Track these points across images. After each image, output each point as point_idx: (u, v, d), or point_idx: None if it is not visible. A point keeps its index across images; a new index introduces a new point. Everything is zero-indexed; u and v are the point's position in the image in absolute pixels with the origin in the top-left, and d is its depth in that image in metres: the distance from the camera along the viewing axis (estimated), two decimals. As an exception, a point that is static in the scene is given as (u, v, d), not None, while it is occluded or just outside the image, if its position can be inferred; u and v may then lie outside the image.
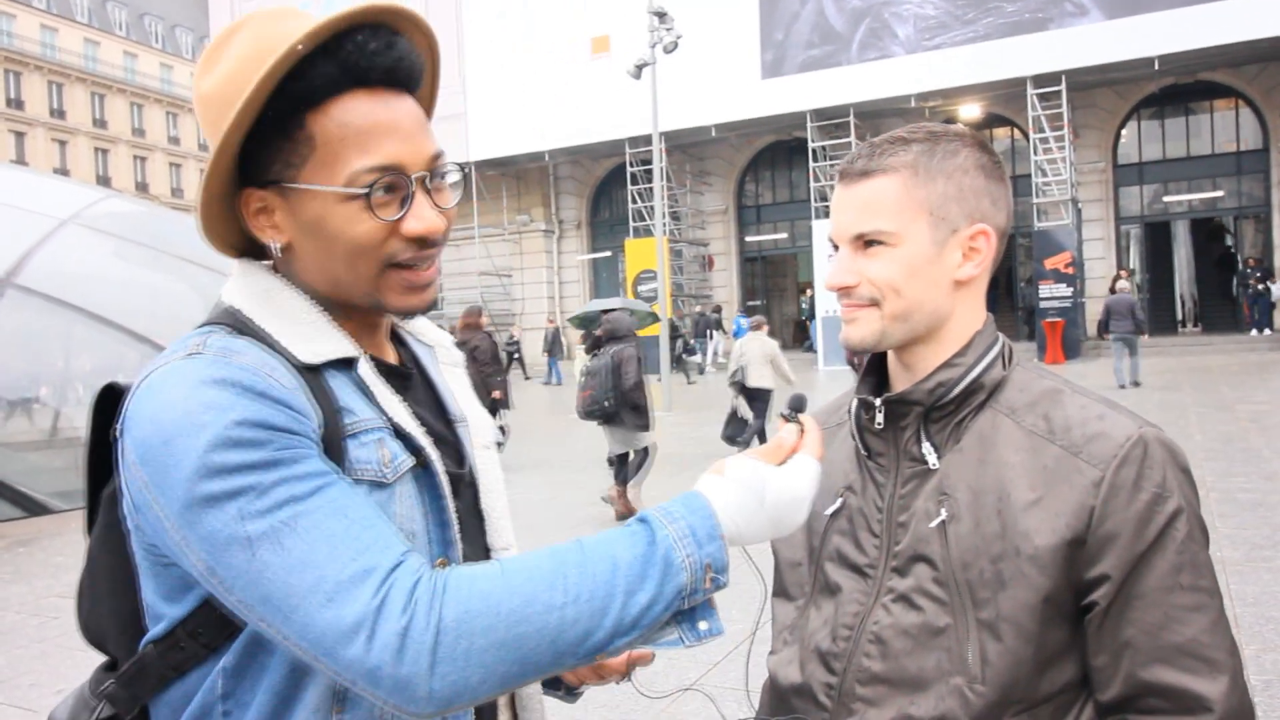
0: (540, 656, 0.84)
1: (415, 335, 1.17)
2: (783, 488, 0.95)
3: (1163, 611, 1.00)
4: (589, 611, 0.85)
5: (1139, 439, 1.03)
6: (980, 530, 1.05)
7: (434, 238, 0.99)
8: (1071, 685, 1.04)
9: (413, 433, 1.00)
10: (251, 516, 0.84)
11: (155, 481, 0.87)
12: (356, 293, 1.00)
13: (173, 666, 0.94)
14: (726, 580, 0.90)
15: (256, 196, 0.99)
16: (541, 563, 0.87)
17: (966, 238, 1.11)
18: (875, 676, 1.09)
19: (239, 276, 1.03)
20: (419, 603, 0.82)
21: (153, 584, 0.95)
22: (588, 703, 4.09)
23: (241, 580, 0.84)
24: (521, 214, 30.55)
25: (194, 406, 0.86)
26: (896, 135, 1.13)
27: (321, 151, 0.95)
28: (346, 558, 0.83)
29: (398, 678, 0.80)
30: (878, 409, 1.14)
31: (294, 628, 0.83)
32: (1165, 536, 1.00)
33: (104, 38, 50.44)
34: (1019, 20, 21.83)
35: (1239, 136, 24.04)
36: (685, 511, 0.91)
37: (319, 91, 0.94)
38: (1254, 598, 4.79)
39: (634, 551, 0.88)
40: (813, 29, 23.90)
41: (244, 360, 0.90)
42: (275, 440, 0.86)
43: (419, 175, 0.97)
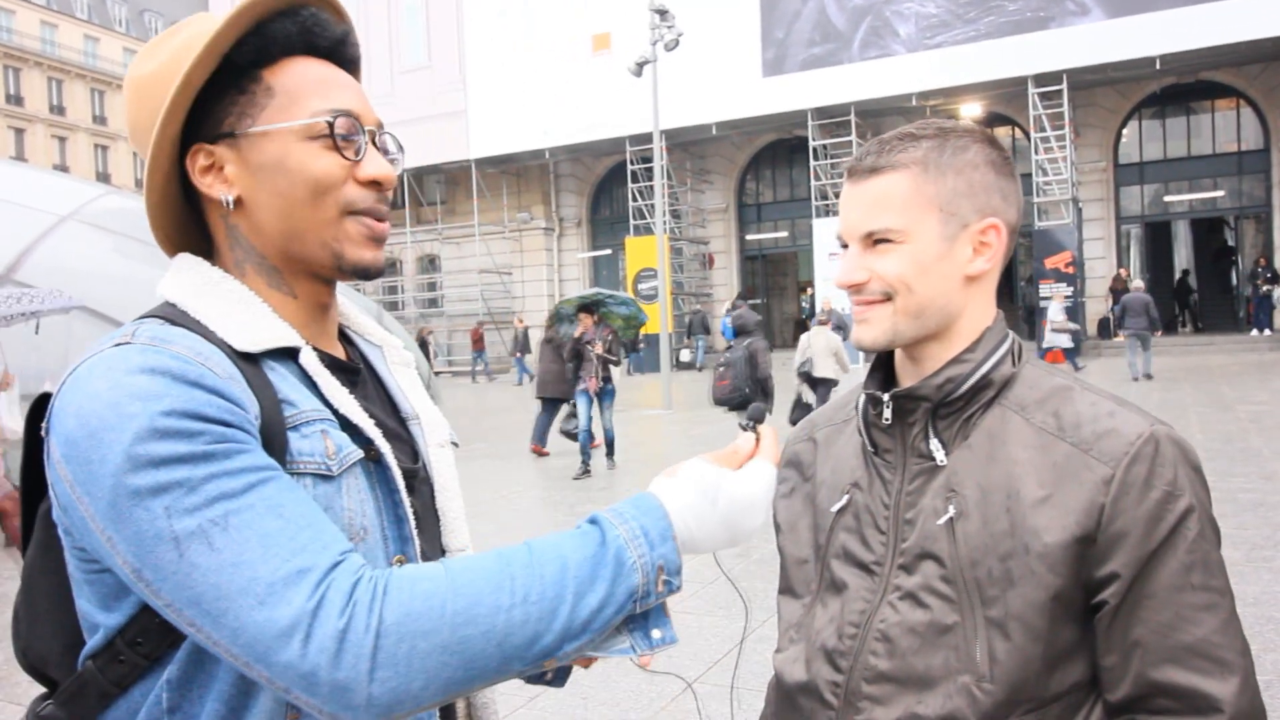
0: (486, 660, 0.81)
1: (363, 335, 1.14)
2: (736, 493, 0.93)
3: (1173, 611, 0.99)
4: (538, 613, 0.82)
5: (1150, 436, 1.02)
6: (989, 528, 1.04)
7: (387, 184, 1.00)
8: (1081, 685, 1.04)
9: (361, 424, 0.96)
10: (180, 514, 0.79)
11: (80, 478, 0.82)
12: (314, 241, 0.97)
13: (114, 682, 0.89)
14: (679, 584, 0.88)
15: (205, 152, 0.97)
16: (488, 563, 0.84)
17: (977, 232, 1.10)
18: (882, 675, 1.08)
19: (175, 271, 1.00)
20: (358, 604, 0.78)
21: (87, 592, 0.90)
22: (589, 700, 4.11)
23: (170, 582, 0.79)
24: (522, 212, 30.53)
25: (120, 396, 0.81)
26: (906, 132, 1.12)
27: (281, 98, 0.96)
28: (280, 558, 0.79)
29: (335, 682, 0.77)
30: (885, 405, 1.13)
31: (225, 632, 0.79)
32: (1176, 535, 0.99)
33: (103, 34, 50.40)
34: (1020, 19, 21.81)
35: (1240, 136, 24.02)
36: (637, 512, 0.89)
37: (276, 46, 0.97)
38: (1254, 598, 4.79)
39: (584, 552, 0.85)
40: (814, 27, 23.88)
41: (175, 348, 0.86)
42: (208, 432, 0.82)
43: (370, 129, 1.00)
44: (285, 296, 1.00)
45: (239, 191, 0.97)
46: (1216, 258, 26.41)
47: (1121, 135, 24.81)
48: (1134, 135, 24.97)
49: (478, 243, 29.50)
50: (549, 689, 3.65)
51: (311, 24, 0.99)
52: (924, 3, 22.76)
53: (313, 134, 0.95)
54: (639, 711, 3.83)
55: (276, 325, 0.96)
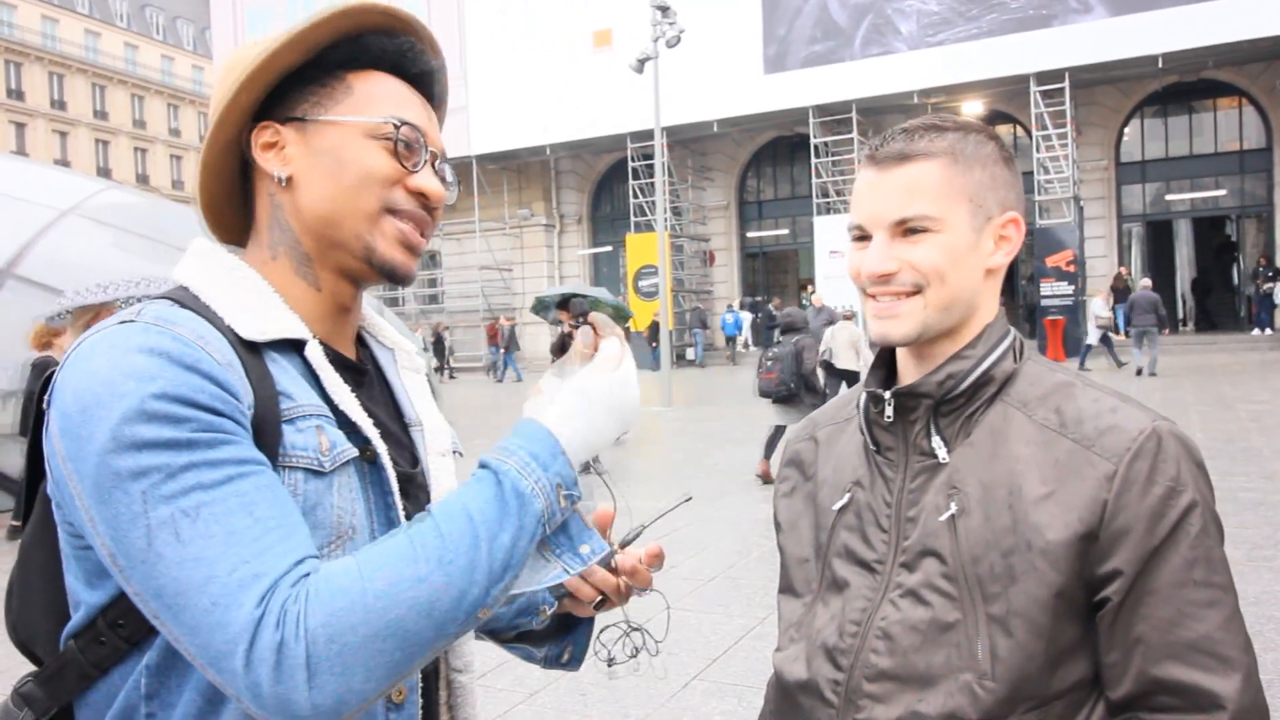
0: (421, 634, 0.81)
1: (377, 337, 1.15)
2: (605, 380, 0.96)
3: (1175, 607, 0.98)
4: (456, 570, 0.83)
5: (1153, 432, 1.01)
6: (991, 524, 1.04)
7: (435, 201, 1.02)
8: (1083, 683, 1.03)
9: (360, 422, 0.96)
10: (155, 501, 0.79)
11: (71, 453, 0.82)
12: (350, 230, 0.98)
13: (94, 664, 0.90)
14: (579, 493, 0.91)
15: (271, 129, 0.99)
16: (396, 542, 0.84)
17: (999, 225, 1.11)
18: (883, 673, 1.07)
19: (191, 255, 1.00)
20: (287, 615, 0.78)
21: (75, 568, 0.91)
22: (588, 696, 4.11)
23: (138, 570, 0.80)
24: (522, 208, 30.53)
25: (116, 374, 0.82)
26: (929, 122, 1.11)
27: (358, 97, 1.00)
28: (239, 559, 0.79)
29: (277, 695, 0.77)
30: (887, 402, 1.13)
31: (183, 629, 0.79)
32: (1179, 531, 0.99)
33: (105, 29, 50.37)
34: (1023, 17, 21.78)
35: (1242, 135, 24.00)
36: (522, 441, 0.91)
37: (368, 57, 1.01)
38: (1255, 597, 4.79)
39: (484, 496, 0.87)
40: (815, 24, 23.85)
41: (177, 330, 0.86)
42: (195, 419, 0.82)
43: (433, 151, 1.03)
44: (309, 287, 1.01)
45: (292, 171, 0.99)
46: (1218, 257, 26.39)
47: (1123, 134, 24.79)
48: (1136, 134, 24.95)
49: (478, 239, 29.50)
50: (546, 689, 3.66)
51: (406, 49, 1.04)
52: (925, 0, 22.73)
53: (377, 134, 0.98)
54: (640, 708, 3.83)
55: (285, 316, 0.97)
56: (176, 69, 53.78)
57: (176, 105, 53.26)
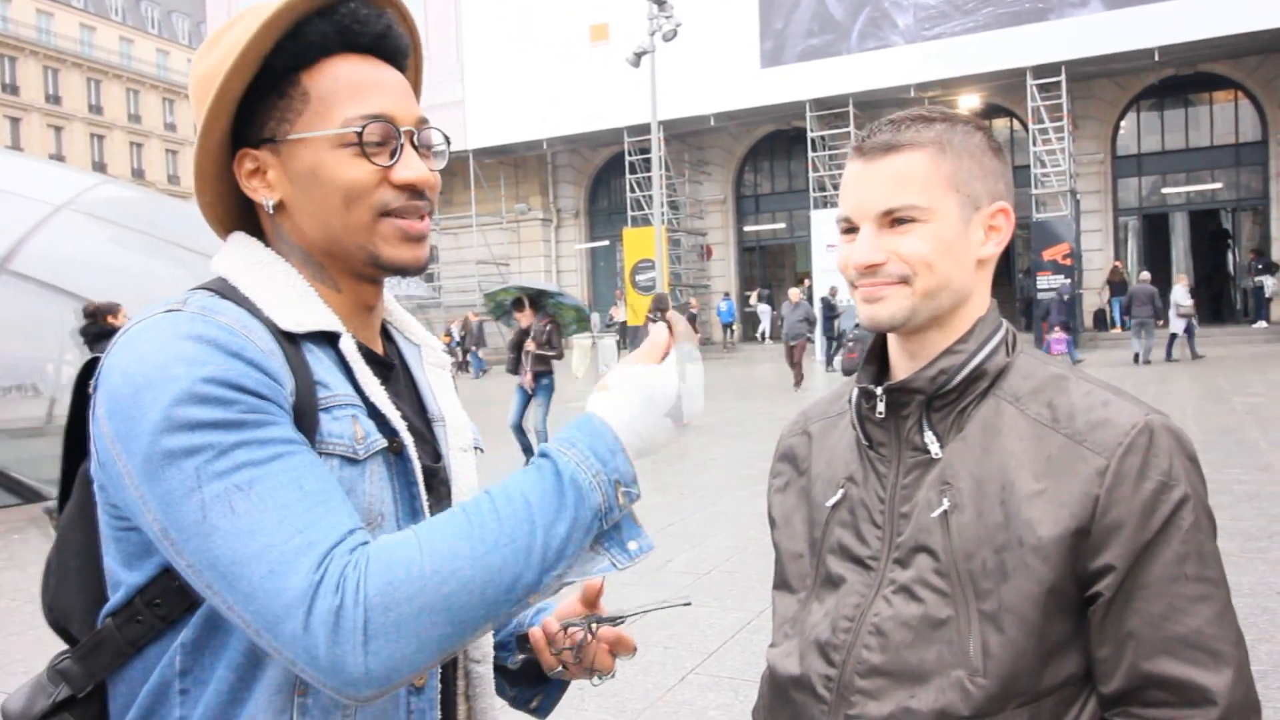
0: (472, 610, 0.83)
1: (404, 333, 1.17)
2: (670, 383, 0.96)
3: (1167, 602, 0.98)
4: (511, 554, 0.84)
5: (1145, 426, 1.01)
6: (983, 520, 1.04)
7: (424, 187, 1.01)
8: (1075, 678, 1.03)
9: (389, 414, 0.99)
10: (208, 477, 0.82)
11: (120, 434, 0.85)
12: (350, 244, 1.00)
13: (130, 641, 0.92)
14: (638, 492, 0.92)
15: (250, 157, 1.00)
16: (455, 519, 0.86)
17: (988, 215, 1.10)
18: (875, 669, 1.07)
19: (229, 248, 1.03)
20: (347, 580, 0.81)
21: (114, 549, 0.93)
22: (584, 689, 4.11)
23: (192, 543, 0.82)
24: (519, 203, 30.48)
25: (166, 359, 0.85)
26: (915, 114, 1.11)
27: (315, 104, 0.98)
28: (293, 529, 0.82)
29: (333, 658, 0.79)
30: (879, 398, 1.12)
31: (238, 596, 0.81)
32: (1170, 525, 0.99)
33: (100, 23, 50.19)
34: (1019, 10, 21.76)
35: (1238, 129, 24.01)
36: (583, 435, 0.92)
37: (314, 49, 0.98)
38: (1249, 588, 4.81)
39: (543, 486, 0.88)
40: (812, 18, 23.81)
41: (222, 319, 0.90)
42: (243, 401, 0.85)
43: (407, 130, 1.00)
44: (331, 290, 1.03)
45: (281, 196, 1.00)
46: (1213, 249, 26.40)
47: (1119, 127, 24.79)
48: (1132, 127, 24.95)
49: (475, 234, 29.45)
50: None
51: (349, 22, 0.99)
52: (923, -7, 22.70)
53: (344, 142, 0.97)
54: (636, 701, 3.84)
55: (320, 309, 0.99)
56: (172, 63, 53.57)
57: (172, 100, 53.09)
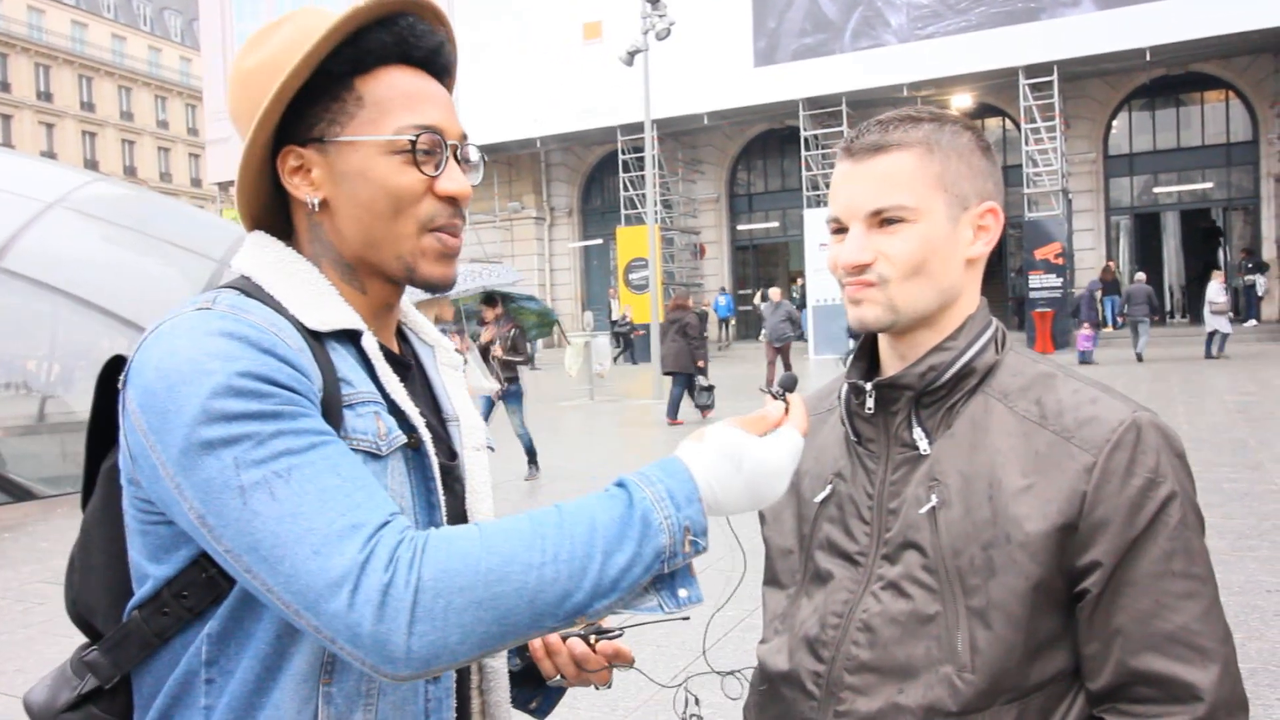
0: (519, 616, 0.84)
1: (418, 334, 1.18)
2: (762, 458, 0.94)
3: (1154, 599, 0.99)
4: (568, 571, 0.85)
5: (1132, 423, 1.02)
6: (971, 516, 1.04)
7: (463, 200, 1.03)
8: (1063, 674, 1.03)
9: (408, 412, 1.01)
10: (247, 465, 0.84)
11: (155, 427, 0.87)
12: (390, 253, 1.02)
13: (157, 633, 0.94)
14: (706, 544, 0.91)
15: (295, 154, 1.01)
16: (520, 524, 0.87)
17: (977, 215, 1.10)
18: (863, 665, 1.08)
19: (252, 247, 1.04)
20: (400, 560, 0.82)
21: (140, 542, 0.94)
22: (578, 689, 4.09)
23: (232, 529, 0.84)
24: (513, 201, 30.44)
25: (201, 355, 0.87)
26: (904, 114, 1.11)
27: (370, 109, 1.00)
28: (336, 512, 0.83)
29: (377, 634, 0.80)
30: (868, 394, 1.12)
31: (279, 578, 0.82)
32: (1158, 522, 0.99)
33: (92, 20, 49.96)
34: (1011, 9, 21.79)
35: (1229, 128, 24.10)
36: (663, 475, 0.91)
37: (372, 57, 1.00)
38: (1239, 586, 4.83)
39: (612, 513, 0.88)
40: (805, 16, 23.82)
41: (252, 318, 0.92)
42: (277, 395, 0.87)
43: (452, 144, 1.03)
44: (355, 292, 1.05)
45: (324, 195, 1.01)
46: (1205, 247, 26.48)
47: (1111, 127, 24.85)
48: (1124, 127, 25.02)
49: (468, 231, 29.12)
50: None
51: (408, 34, 1.02)
52: (916, -7, 22.72)
53: (396, 149, 0.99)
54: (629, 699, 3.84)
55: (343, 309, 1.01)
56: (164, 60, 53.40)
57: (164, 97, 52.92)
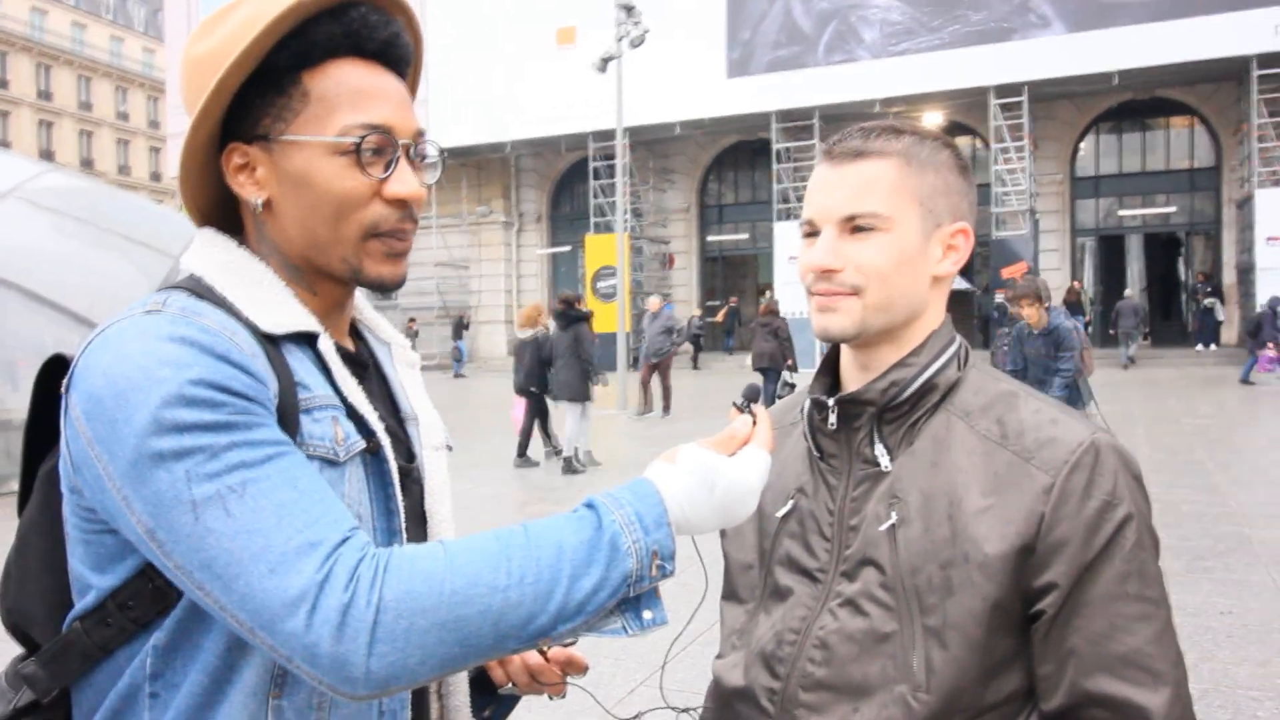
0: (482, 639, 0.82)
1: (373, 332, 1.16)
2: (734, 478, 0.94)
3: (1108, 620, 0.99)
4: (533, 594, 0.83)
5: (1091, 445, 1.02)
6: (930, 535, 1.04)
7: (414, 203, 1.01)
8: (1017, 694, 1.04)
9: (367, 415, 0.99)
10: (200, 479, 0.81)
11: (101, 436, 0.84)
12: (335, 255, 0.99)
13: (99, 645, 0.91)
14: (673, 569, 0.90)
15: (240, 151, 0.98)
16: (486, 545, 0.85)
17: (948, 234, 1.11)
18: (819, 683, 1.07)
19: (201, 245, 1.01)
20: (360, 580, 0.80)
21: (82, 551, 0.91)
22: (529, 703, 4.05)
23: (183, 545, 0.81)
24: (481, 205, 30.31)
25: (151, 362, 0.84)
26: (886, 125, 1.11)
27: (315, 106, 0.96)
28: (293, 529, 0.81)
29: (336, 655, 0.78)
30: (831, 409, 1.13)
31: (233, 597, 0.80)
32: (1113, 544, 1.00)
33: (52, 6, 49.10)
34: (984, 29, 22.15)
35: (1193, 154, 24.65)
36: (633, 498, 0.90)
37: (319, 49, 0.96)
38: (1194, 608, 4.90)
39: (580, 536, 0.87)
40: (780, 29, 24.02)
41: (205, 321, 0.89)
42: (231, 404, 0.85)
43: (404, 142, 0.99)
44: (306, 292, 1.02)
45: (268, 195, 0.98)
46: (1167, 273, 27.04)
47: (1078, 149, 25.31)
48: (1091, 149, 25.50)
49: (435, 235, 29.21)
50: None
51: (359, 25, 0.98)
52: (889, 9, 23.02)
53: (341, 150, 0.96)
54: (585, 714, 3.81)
55: (298, 311, 0.98)
56: (126, 50, 52.57)
57: (125, 88, 52.09)
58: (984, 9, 22.16)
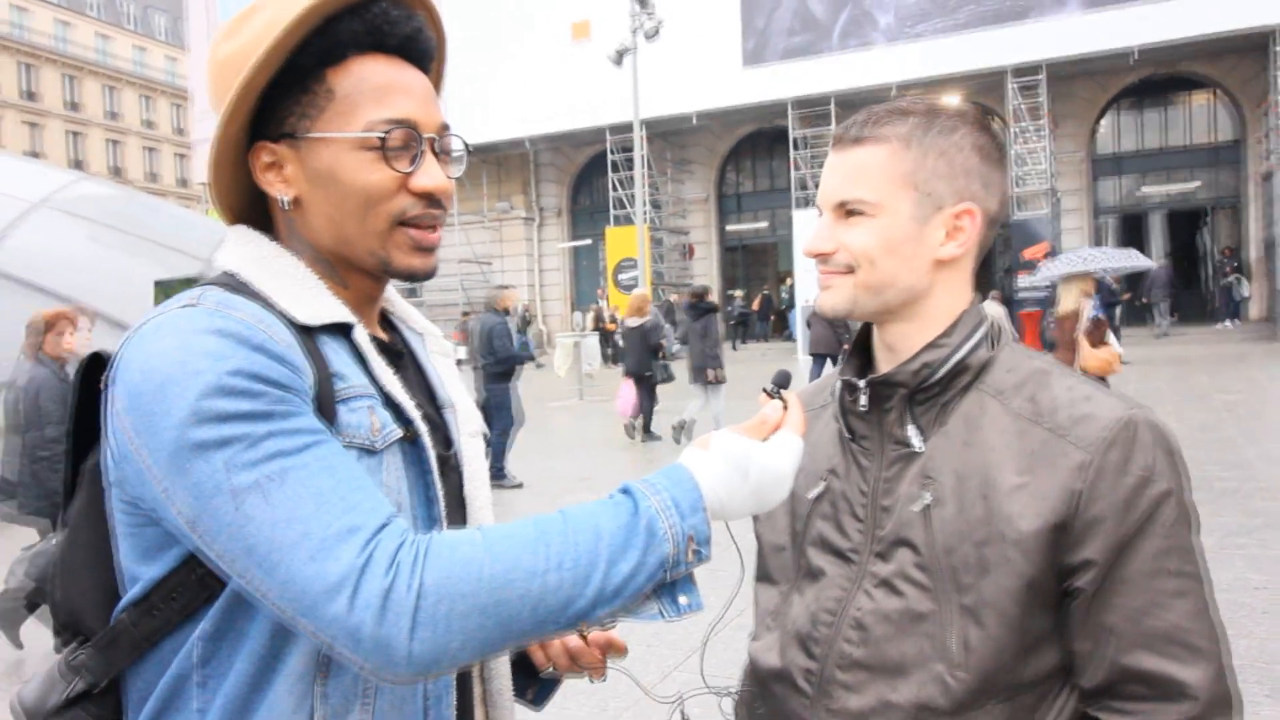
0: (521, 623, 0.83)
1: (406, 322, 1.17)
2: (766, 464, 0.94)
3: (1147, 597, 0.98)
4: (572, 579, 0.84)
5: (1128, 420, 1.01)
6: (964, 514, 1.04)
7: (441, 195, 1.01)
8: (1054, 672, 1.03)
9: (403, 404, 0.99)
10: (239, 468, 0.82)
11: (142, 428, 0.85)
12: (363, 249, 1.00)
13: (147, 635, 0.92)
14: (709, 553, 0.90)
15: (268, 149, 0.99)
16: (525, 530, 0.86)
17: (951, 216, 1.09)
18: (856, 662, 1.07)
19: (235, 242, 1.02)
20: (401, 564, 0.81)
21: (128, 544, 0.92)
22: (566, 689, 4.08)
23: (224, 533, 0.82)
24: (502, 201, 30.37)
25: (190, 354, 0.85)
26: (898, 106, 1.11)
27: (340, 103, 0.97)
28: (333, 515, 0.82)
29: (378, 638, 0.79)
30: (862, 391, 1.12)
31: (275, 583, 0.81)
32: (1152, 520, 0.99)
33: (76, 18, 49.64)
34: (999, 9, 21.87)
35: (1215, 129, 24.23)
36: (669, 484, 0.91)
37: (342, 47, 0.97)
38: (1227, 584, 4.85)
39: (617, 521, 0.87)
40: (794, 16, 23.84)
41: (240, 314, 0.89)
42: (269, 393, 0.85)
43: (429, 136, 1.00)
44: (338, 286, 1.03)
45: (296, 192, 0.99)
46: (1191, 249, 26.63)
47: (1098, 127, 24.97)
48: (1111, 127, 25.14)
49: (457, 232, 29.30)
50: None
51: (380, 22, 0.98)
52: (904, -7, 22.78)
53: (366, 145, 0.96)
54: (618, 700, 3.83)
55: (332, 302, 0.99)
56: (150, 60, 53.08)
57: (150, 97, 52.60)
58: (1000, -11, 21.89)
